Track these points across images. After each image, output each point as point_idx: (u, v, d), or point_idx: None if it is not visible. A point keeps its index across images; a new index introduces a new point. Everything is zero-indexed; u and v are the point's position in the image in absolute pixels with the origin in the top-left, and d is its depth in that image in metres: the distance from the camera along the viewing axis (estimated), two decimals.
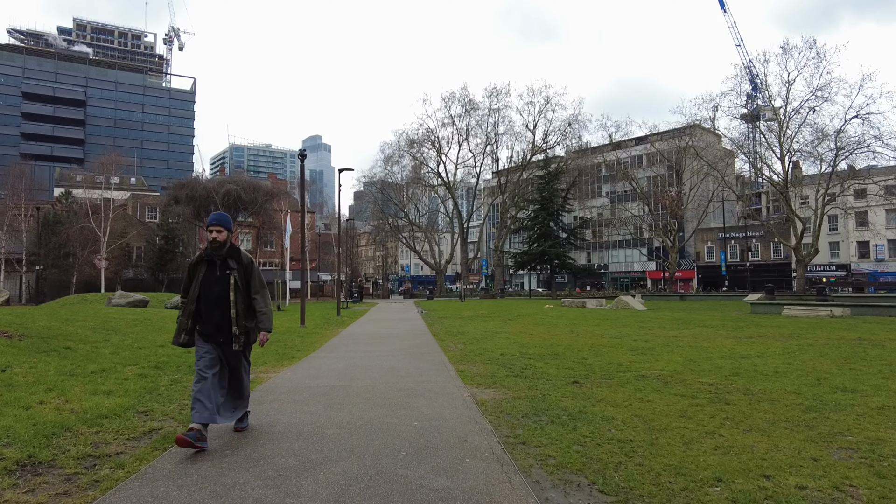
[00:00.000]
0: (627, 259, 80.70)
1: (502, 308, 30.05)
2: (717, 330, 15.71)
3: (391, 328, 17.51)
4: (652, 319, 20.10)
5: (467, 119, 60.23)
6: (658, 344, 12.39)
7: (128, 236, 41.05)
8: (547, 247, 45.42)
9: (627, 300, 29.10)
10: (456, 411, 5.75)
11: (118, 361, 8.29)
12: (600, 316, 22.22)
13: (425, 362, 9.59)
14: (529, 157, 58.09)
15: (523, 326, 17.38)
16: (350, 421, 5.28)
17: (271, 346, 11.77)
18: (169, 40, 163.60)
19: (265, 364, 9.36)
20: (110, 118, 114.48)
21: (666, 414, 5.82)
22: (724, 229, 57.84)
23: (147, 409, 5.64)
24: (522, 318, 21.07)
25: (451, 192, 63.07)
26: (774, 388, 7.16)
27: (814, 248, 41.80)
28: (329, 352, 11.24)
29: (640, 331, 15.67)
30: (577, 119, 56.11)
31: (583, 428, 5.22)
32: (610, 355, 10.47)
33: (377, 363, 9.49)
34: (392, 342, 13.06)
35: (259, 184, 48.20)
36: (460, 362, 9.61)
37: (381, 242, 76.60)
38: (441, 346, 12.15)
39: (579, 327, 16.92)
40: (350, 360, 9.85)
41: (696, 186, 51.73)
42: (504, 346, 12.00)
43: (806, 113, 40.84)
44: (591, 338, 13.68)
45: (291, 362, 9.70)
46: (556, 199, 47.57)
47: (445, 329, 16.78)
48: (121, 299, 24.53)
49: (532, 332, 15.45)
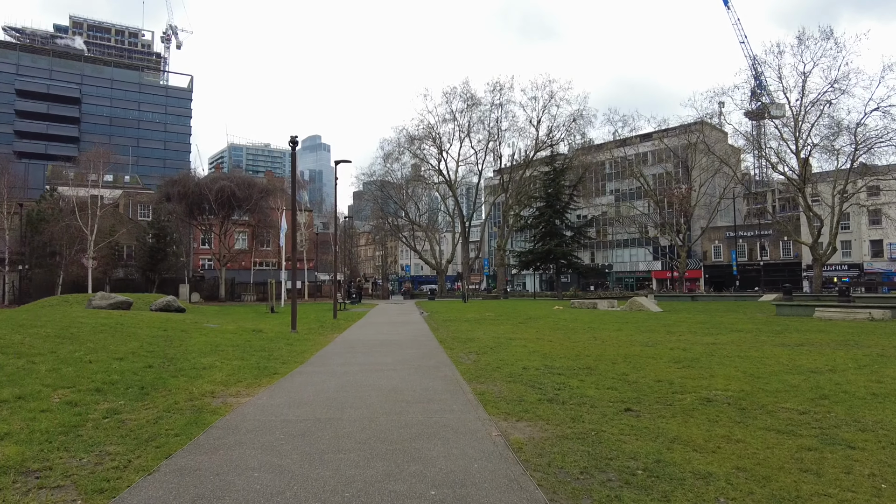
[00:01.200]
0: (632, 258, 78.97)
1: (509, 310, 28.38)
2: (756, 335, 14.04)
3: (392, 333, 15.84)
4: (675, 323, 18.44)
5: (469, 115, 58.45)
6: (700, 353, 10.74)
7: (116, 234, 39.27)
8: (553, 245, 43.51)
9: (642, 301, 27.44)
10: (487, 465, 4.08)
11: (50, 382, 6.61)
12: (617, 319, 20.55)
13: (435, 380, 7.92)
14: (533, 154, 56.36)
15: (538, 331, 15.71)
16: (335, 487, 3.61)
17: (252, 357, 10.11)
18: (166, 38, 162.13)
19: (239, 383, 7.69)
20: (106, 116, 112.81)
21: (778, 466, 4.16)
22: (734, 227, 56.18)
23: (46, 464, 3.96)
24: (534, 322, 19.40)
25: (453, 190, 61.34)
26: (893, 421, 5.50)
27: (831, 247, 40.09)
28: (319, 365, 9.56)
29: (671, 336, 14.01)
30: (583, 115, 54.41)
31: (677, 496, 3.55)
32: (652, 369, 8.82)
33: (375, 381, 7.81)
34: (393, 351, 11.39)
35: (254, 180, 46.47)
36: (477, 380, 7.94)
37: (380, 242, 74.83)
38: (451, 356, 10.48)
39: (601, 332, 15.26)
40: (343, 377, 8.18)
41: (705, 183, 50.01)
42: (524, 356, 10.33)
43: (823, 106, 39.17)
44: (620, 346, 12.01)
45: (272, 379, 8.03)
46: (562, 195, 45.60)
47: (452, 334, 15.11)
48: (102, 300, 22.82)
49: (550, 338, 13.78)
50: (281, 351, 11.36)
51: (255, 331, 16.04)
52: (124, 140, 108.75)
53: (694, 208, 48.16)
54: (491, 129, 57.59)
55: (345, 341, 13.58)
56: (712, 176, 50.68)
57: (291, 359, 10.19)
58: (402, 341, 13.42)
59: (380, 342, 13.25)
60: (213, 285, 47.20)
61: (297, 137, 16.47)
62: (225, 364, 9.15)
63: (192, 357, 9.76)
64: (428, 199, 76.35)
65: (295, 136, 16.25)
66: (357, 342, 13.32)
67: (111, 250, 40.31)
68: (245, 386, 7.48)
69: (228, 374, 8.23)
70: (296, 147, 16.30)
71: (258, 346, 11.85)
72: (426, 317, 23.70)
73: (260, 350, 11.31)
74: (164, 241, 41.85)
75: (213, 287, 47.07)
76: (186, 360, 9.49)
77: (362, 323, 19.92)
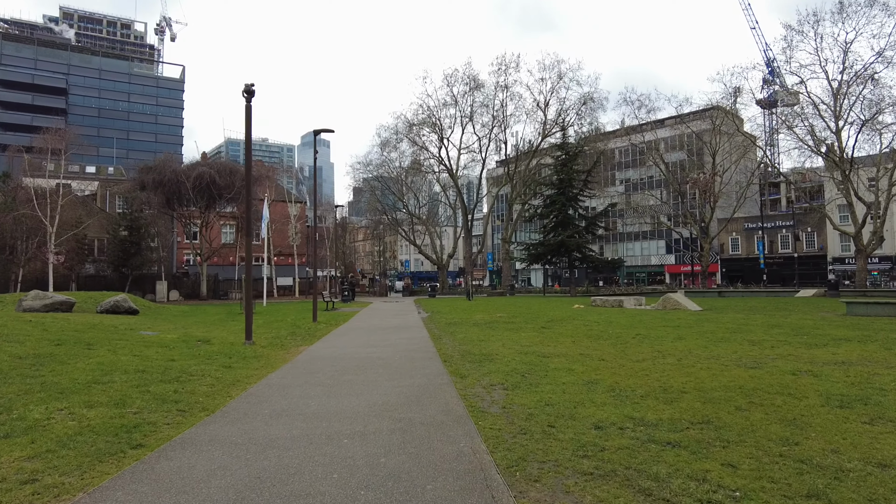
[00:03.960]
0: (644, 252, 75.04)
1: (522, 309, 24.40)
2: (888, 348, 10.07)
3: (378, 346, 11.92)
4: (739, 327, 14.48)
5: (471, 98, 54.17)
6: (844, 379, 6.87)
7: (82, 226, 35.26)
8: (566, 237, 39.30)
9: (677, 298, 23.51)
10: None
11: None
12: (661, 321, 16.61)
13: (440, 474, 3.96)
14: (541, 140, 52.24)
15: (575, 341, 11.79)
16: None
17: (140, 399, 6.15)
18: (160, 30, 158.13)
19: (35, 482, 3.75)
20: (94, 107, 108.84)
21: None
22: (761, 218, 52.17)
23: None
24: (560, 326, 15.46)
25: (454, 179, 57.24)
26: None
27: (877, 237, 36.02)
28: (237, 419, 5.60)
29: (759, 349, 10.06)
30: (593, 98, 50.16)
31: None
32: (816, 421, 4.92)
33: (317, 478, 3.89)
34: (371, 384, 7.46)
35: (236, 167, 42.36)
36: (524, 470, 4.00)
37: (378, 236, 70.73)
38: (463, 395, 6.54)
39: (659, 342, 11.34)
40: (261, 460, 4.26)
41: (728, 169, 45.88)
42: (581, 394, 6.39)
43: (867, 79, 35.12)
44: (710, 368, 8.08)
45: (120, 463, 4.11)
46: (575, 182, 41.28)
47: (461, 347, 11.18)
48: (35, 301, 18.94)
49: (598, 353, 9.85)
50: (203, 382, 7.43)
51: (202, 341, 12.16)
52: (113, 132, 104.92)
53: (719, 195, 44.00)
54: (495, 113, 53.45)
55: (309, 361, 9.65)
56: (735, 161, 46.65)
57: (203, 402, 6.26)
58: (390, 361, 9.49)
59: (357, 363, 9.31)
60: (196, 282, 43.35)
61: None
62: (66, 421, 5.24)
63: (33, 402, 5.86)
64: (428, 191, 72.30)
65: (251, 85, 12.36)
66: (324, 363, 9.38)
67: (78, 244, 36.37)
68: (36, 492, 3.56)
69: (40, 452, 4.32)
70: (251, 98, 12.39)
71: (176, 373, 7.95)
72: (426, 318, 19.77)
73: (174, 380, 7.40)
74: (137, 234, 37.90)
75: (195, 284, 43.22)
76: (17, 407, 5.60)
77: (345, 329, 15.98)
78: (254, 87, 12.36)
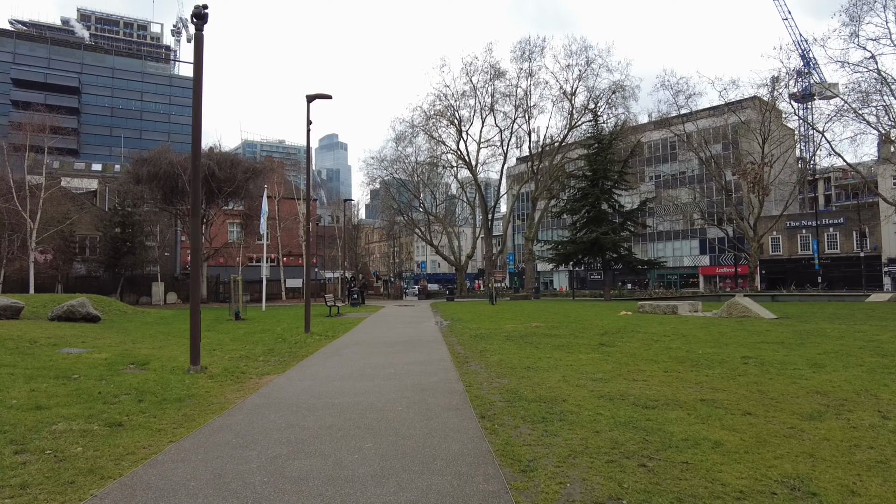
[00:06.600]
0: (675, 253, 70.38)
1: (559, 317, 20.58)
2: None
3: (377, 375, 8.27)
4: (849, 345, 10.54)
5: (492, 87, 50.47)
6: None
7: (67, 221, 32.26)
8: (600, 234, 35.07)
9: (746, 304, 19.52)
10: None
11: None
12: (750, 334, 12.70)
13: None
14: (567, 132, 48.21)
15: (667, 370, 8.00)
16: None
17: None
18: (177, 31, 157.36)
19: None
20: (107, 106, 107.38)
21: None
22: (815, 216, 47.47)
23: None
24: (624, 342, 11.66)
25: (474, 174, 53.48)
26: None
27: None
28: None
29: None
30: (624, 86, 45.92)
31: None
32: None
33: None
34: (338, 491, 3.79)
35: (238, 158, 39.15)
36: None
37: (393, 236, 67.24)
38: None
39: (800, 375, 7.51)
40: None
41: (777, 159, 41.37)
42: None
43: None
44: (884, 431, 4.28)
45: None
46: (610, 173, 36.95)
47: (502, 382, 7.47)
48: None
49: (727, 396, 6.05)
50: (27, 469, 3.85)
51: (136, 364, 8.68)
52: (125, 132, 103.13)
53: (770, 187, 39.52)
54: (518, 102, 49.62)
55: (255, 412, 5.95)
56: (784, 152, 42.23)
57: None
58: (389, 413, 5.80)
59: (331, 420, 5.63)
60: None
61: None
62: None
63: None
64: (445, 189, 68.68)
65: (202, 7, 8.83)
66: (279, 416, 5.71)
67: (65, 242, 33.43)
68: None
69: None
70: (202, 25, 8.86)
71: (2, 444, 4.39)
72: (445, 328, 16.08)
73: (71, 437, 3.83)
74: (130, 231, 34.86)
75: None
76: None
77: (340, 344, 12.35)
78: (206, 9, 8.83)
